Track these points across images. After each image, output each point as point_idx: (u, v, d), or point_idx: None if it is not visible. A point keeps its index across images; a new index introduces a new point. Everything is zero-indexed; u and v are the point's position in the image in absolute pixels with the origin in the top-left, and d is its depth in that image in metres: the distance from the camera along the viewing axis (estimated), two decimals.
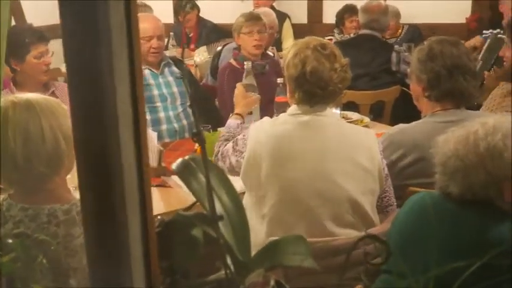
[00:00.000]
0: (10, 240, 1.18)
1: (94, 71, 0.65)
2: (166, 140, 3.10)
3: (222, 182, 0.97)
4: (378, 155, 1.93)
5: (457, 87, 2.07)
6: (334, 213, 1.86)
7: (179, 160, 0.94)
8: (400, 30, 5.39)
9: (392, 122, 3.50)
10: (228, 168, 2.05)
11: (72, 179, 2.35)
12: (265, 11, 4.49)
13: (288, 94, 2.05)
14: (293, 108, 1.98)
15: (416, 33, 5.34)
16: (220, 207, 0.94)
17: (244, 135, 2.03)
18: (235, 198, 0.96)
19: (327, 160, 1.87)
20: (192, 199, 2.33)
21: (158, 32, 3.10)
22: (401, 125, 2.24)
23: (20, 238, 1.23)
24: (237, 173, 1.99)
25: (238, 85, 2.72)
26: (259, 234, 1.83)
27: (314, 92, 1.91)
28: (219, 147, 2.18)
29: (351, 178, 1.87)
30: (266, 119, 2.02)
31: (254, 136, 1.93)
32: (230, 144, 2.08)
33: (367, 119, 3.23)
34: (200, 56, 5.10)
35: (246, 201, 1.95)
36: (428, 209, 1.47)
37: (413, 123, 2.17)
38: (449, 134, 1.48)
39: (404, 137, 2.13)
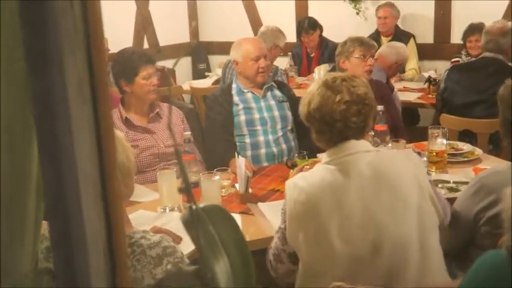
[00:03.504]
0: None
1: (49, 131, 0.63)
2: (264, 164, 3.09)
3: (233, 235, 0.92)
4: (425, 179, 1.75)
5: None
6: (397, 261, 1.69)
7: (188, 209, 0.91)
8: None
9: None
10: (286, 269, 1.87)
11: (160, 201, 2.43)
12: (394, 45, 4.36)
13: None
14: (324, 155, 1.84)
15: None
16: (226, 264, 0.90)
17: (282, 207, 1.84)
18: (245, 254, 0.91)
19: (374, 212, 1.69)
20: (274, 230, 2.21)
21: (264, 52, 3.14)
22: (495, 167, 2.00)
23: None
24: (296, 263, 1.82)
25: None
26: None
27: (323, 130, 1.79)
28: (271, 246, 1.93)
29: (406, 221, 1.69)
30: (300, 174, 1.87)
31: (292, 196, 1.76)
32: (277, 235, 1.89)
33: (479, 151, 2.97)
34: (320, 73, 5.02)
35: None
36: (495, 270, 1.30)
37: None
38: None
39: (498, 181, 1.86)
